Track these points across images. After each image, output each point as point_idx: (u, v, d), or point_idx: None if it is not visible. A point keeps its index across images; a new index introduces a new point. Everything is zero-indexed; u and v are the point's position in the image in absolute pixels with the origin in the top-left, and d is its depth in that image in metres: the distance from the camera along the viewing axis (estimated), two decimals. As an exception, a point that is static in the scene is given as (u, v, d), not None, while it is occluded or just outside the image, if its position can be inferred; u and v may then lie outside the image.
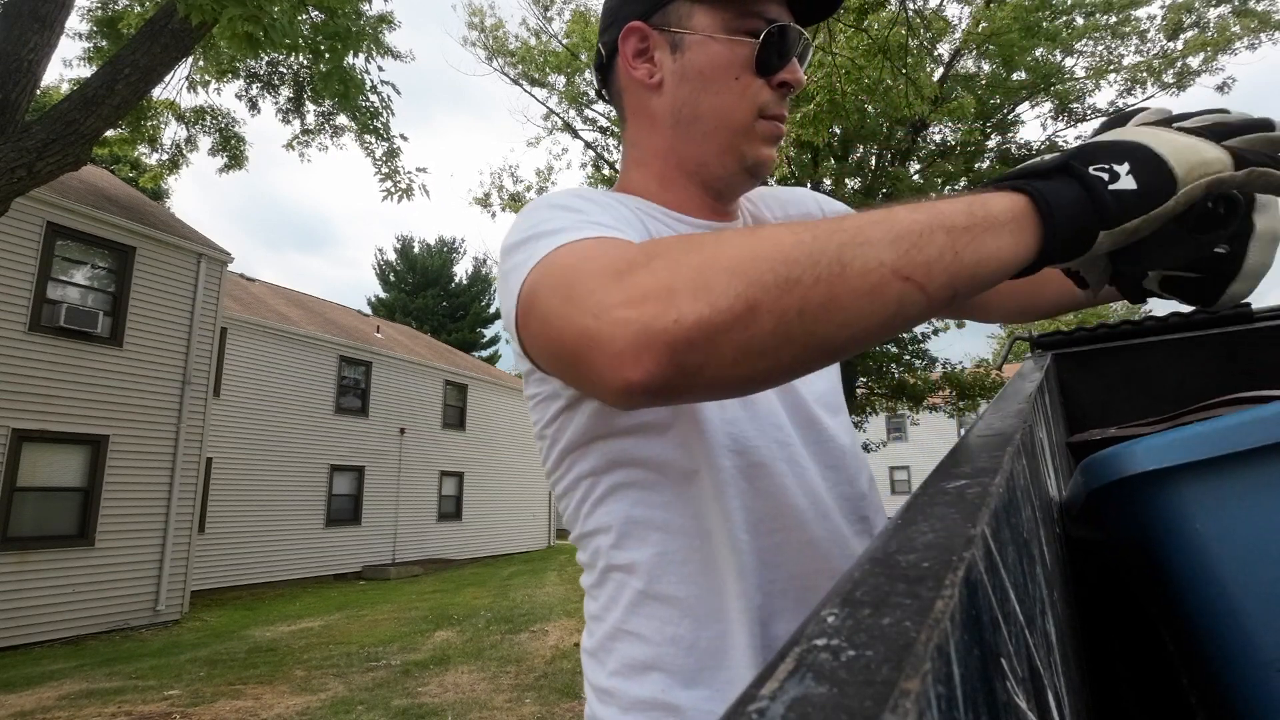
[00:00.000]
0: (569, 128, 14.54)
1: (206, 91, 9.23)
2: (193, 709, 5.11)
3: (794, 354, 0.40)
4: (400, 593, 11.36)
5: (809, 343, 0.40)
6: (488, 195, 14.49)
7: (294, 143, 10.06)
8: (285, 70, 9.51)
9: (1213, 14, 11.75)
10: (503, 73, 14.37)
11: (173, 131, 9.91)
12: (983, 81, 13.12)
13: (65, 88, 11.63)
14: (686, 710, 0.62)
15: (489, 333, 34.43)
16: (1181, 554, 0.58)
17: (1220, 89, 11.73)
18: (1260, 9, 11.27)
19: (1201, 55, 11.75)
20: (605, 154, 14.43)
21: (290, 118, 9.90)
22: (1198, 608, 0.59)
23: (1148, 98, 12.25)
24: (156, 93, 8.68)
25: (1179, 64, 11.92)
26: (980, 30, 11.41)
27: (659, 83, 0.72)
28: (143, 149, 10.06)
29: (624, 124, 0.78)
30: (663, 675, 0.63)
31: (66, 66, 14.11)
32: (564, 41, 13.20)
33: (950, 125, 13.15)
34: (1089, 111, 13.16)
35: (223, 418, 11.67)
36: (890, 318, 0.40)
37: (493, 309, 34.21)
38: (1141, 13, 12.31)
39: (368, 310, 29.98)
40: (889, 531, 0.29)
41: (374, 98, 7.34)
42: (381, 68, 10.56)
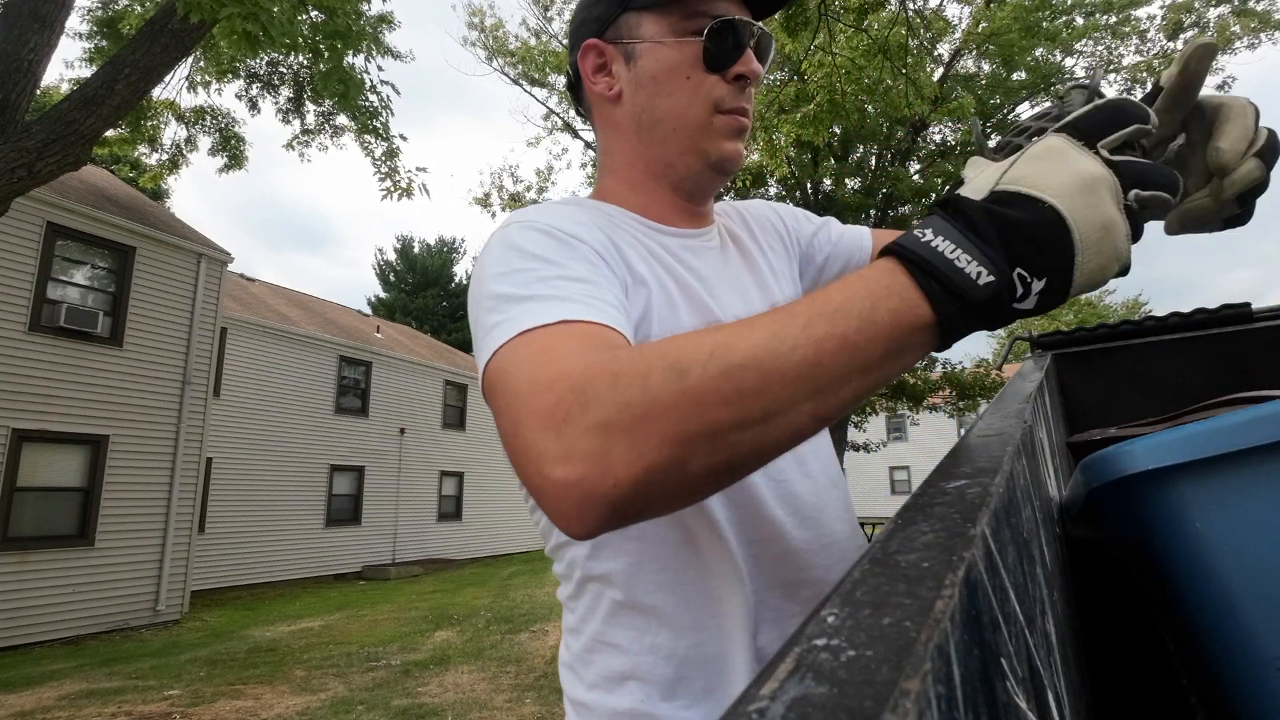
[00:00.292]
0: (569, 128, 14.54)
1: (206, 91, 9.25)
2: (193, 709, 5.11)
3: (728, 481, 0.45)
4: (400, 593, 11.35)
5: (738, 473, 0.45)
6: (488, 195, 14.49)
7: (294, 143, 10.06)
8: (285, 70, 9.51)
9: (1213, 14, 11.74)
10: (503, 73, 14.38)
11: (173, 131, 9.93)
12: (983, 81, 13.11)
13: (65, 88, 11.63)
14: None
15: (489, 333, 34.27)
16: (1181, 553, 0.58)
17: (1220, 89, 11.74)
18: (1260, 9, 11.27)
19: (1201, 55, 11.75)
20: (605, 154, 14.39)
21: (290, 118, 9.90)
22: (1197, 606, 0.59)
23: None
24: (156, 93, 8.68)
25: (1179, 64, 11.91)
26: (980, 30, 11.41)
27: (618, 94, 0.75)
28: (143, 149, 10.06)
29: (597, 135, 0.81)
30: (641, 685, 0.63)
31: (67, 67, 14.13)
32: (564, 41, 13.19)
33: (950, 125, 13.14)
34: (1089, 111, 13.11)
35: (223, 418, 11.67)
36: (802, 440, 0.45)
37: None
38: (1141, 13, 12.31)
39: (368, 310, 29.99)
40: (889, 531, 0.29)
41: (374, 97, 7.33)
42: (381, 67, 10.56)
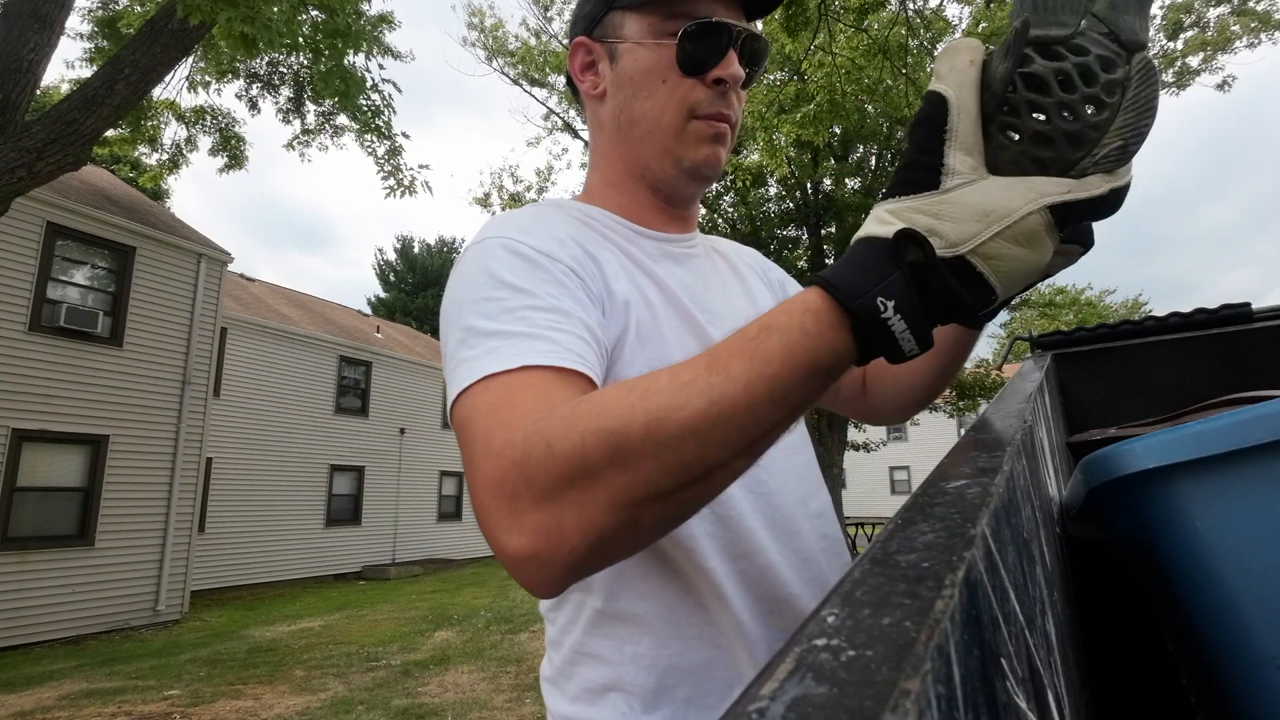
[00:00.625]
0: (569, 128, 14.53)
1: (206, 91, 9.22)
2: (193, 709, 5.11)
3: (679, 524, 0.47)
4: (400, 593, 11.35)
5: (688, 516, 0.46)
6: (488, 195, 14.48)
7: (294, 143, 10.04)
8: (285, 70, 9.50)
9: (1213, 14, 11.73)
10: (503, 73, 14.37)
11: (173, 131, 9.90)
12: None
13: (65, 88, 11.63)
14: None
15: (489, 333, 34.32)
16: (1181, 551, 0.58)
17: (1220, 88, 11.73)
18: (1260, 9, 11.26)
19: (1201, 55, 11.75)
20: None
21: (290, 118, 9.88)
22: (1197, 604, 0.58)
23: None
24: (156, 93, 8.67)
25: (1179, 63, 11.91)
26: (980, 30, 11.40)
27: (602, 92, 0.75)
28: (143, 149, 10.04)
29: (589, 132, 0.82)
30: (623, 697, 0.62)
31: (67, 67, 14.12)
32: (564, 42, 13.19)
33: (950, 125, 13.10)
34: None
35: (223, 418, 11.66)
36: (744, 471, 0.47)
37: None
38: (1141, 12, 12.26)
39: (368, 310, 29.98)
40: (889, 531, 0.29)
41: (376, 96, 7.33)
42: (383, 66, 10.53)
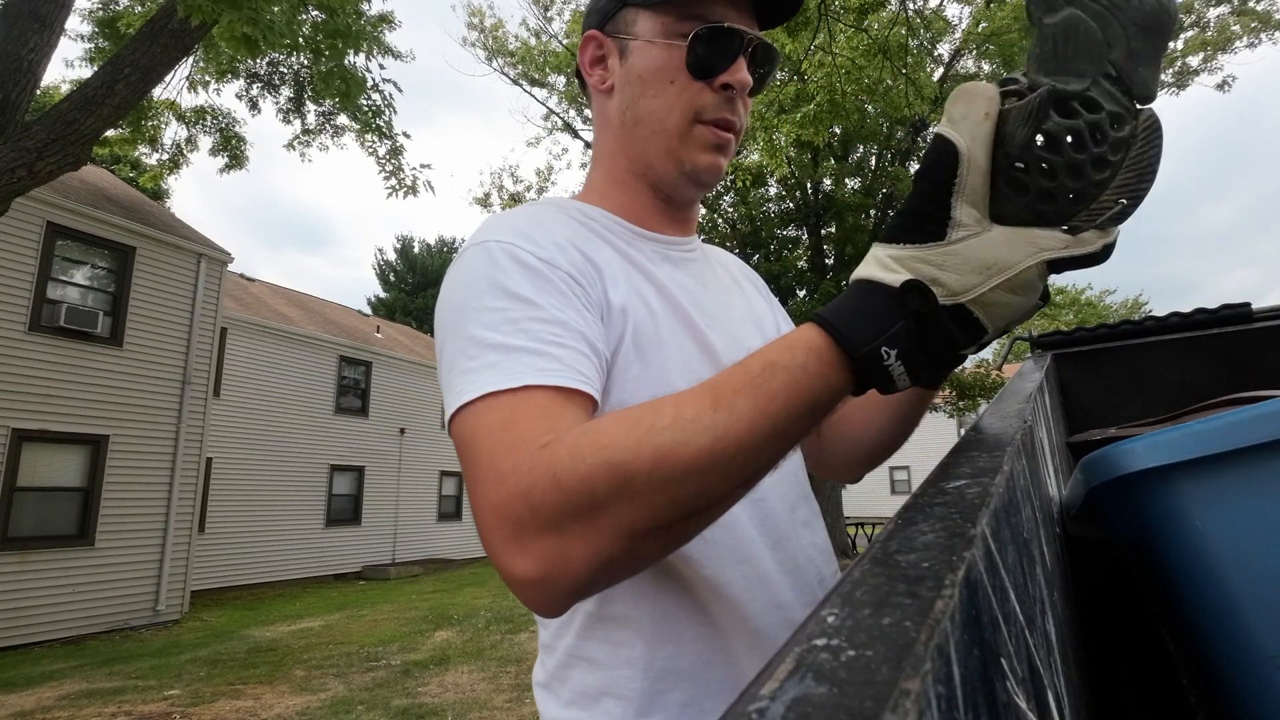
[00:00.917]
0: (569, 128, 14.53)
1: (206, 91, 9.22)
2: (193, 709, 5.11)
3: (678, 548, 0.48)
4: (400, 593, 11.35)
5: (687, 541, 0.48)
6: (488, 195, 14.48)
7: (294, 143, 10.04)
8: (286, 70, 9.49)
9: (1213, 14, 11.74)
10: (502, 73, 14.36)
11: (173, 131, 9.89)
12: (983, 81, 13.08)
13: (65, 88, 11.62)
14: None
15: (489, 333, 34.33)
16: (1181, 550, 0.58)
17: (1220, 88, 11.74)
18: (1260, 9, 11.26)
19: (1201, 55, 11.75)
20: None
21: (291, 118, 9.87)
22: (1197, 603, 0.58)
23: None
24: (157, 93, 8.67)
25: (1179, 64, 11.91)
26: (980, 30, 11.41)
27: (610, 87, 0.75)
28: (143, 149, 10.04)
29: (594, 127, 0.82)
30: (617, 702, 0.62)
31: (67, 67, 14.10)
32: (564, 42, 13.18)
33: (950, 125, 13.11)
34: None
35: (223, 418, 11.66)
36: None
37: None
38: (1141, 12, 12.25)
39: (368, 310, 29.98)
40: (889, 531, 0.29)
41: (376, 96, 7.33)
42: (383, 66, 10.52)
